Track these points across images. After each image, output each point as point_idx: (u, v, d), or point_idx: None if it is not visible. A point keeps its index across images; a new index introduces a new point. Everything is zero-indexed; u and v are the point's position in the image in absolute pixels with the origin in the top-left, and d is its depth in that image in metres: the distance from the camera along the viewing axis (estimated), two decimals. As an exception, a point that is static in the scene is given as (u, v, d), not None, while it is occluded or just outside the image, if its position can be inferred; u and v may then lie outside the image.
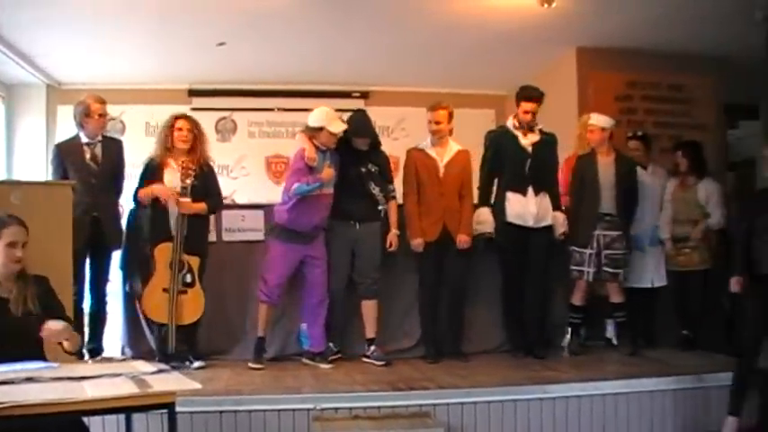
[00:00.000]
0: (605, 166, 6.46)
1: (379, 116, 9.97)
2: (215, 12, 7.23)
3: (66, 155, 6.10)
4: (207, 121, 6.20)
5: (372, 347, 6.09)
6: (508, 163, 6.32)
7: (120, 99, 9.38)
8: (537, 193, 6.28)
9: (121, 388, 3.17)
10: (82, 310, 6.12)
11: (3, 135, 9.55)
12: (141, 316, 6.00)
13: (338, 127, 5.91)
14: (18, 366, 3.46)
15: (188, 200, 5.76)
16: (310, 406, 4.80)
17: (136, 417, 3.96)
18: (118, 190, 6.33)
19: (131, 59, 8.73)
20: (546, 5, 6.83)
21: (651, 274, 6.78)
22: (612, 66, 8.41)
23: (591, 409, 5.17)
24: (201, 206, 5.87)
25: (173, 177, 5.84)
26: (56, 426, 3.21)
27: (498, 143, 6.39)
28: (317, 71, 9.40)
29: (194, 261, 5.83)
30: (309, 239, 5.96)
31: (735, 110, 9.13)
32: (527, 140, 6.32)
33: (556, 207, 6.37)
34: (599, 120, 6.53)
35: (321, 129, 5.91)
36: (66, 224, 5.55)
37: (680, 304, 6.83)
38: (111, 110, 9.46)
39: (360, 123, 6.18)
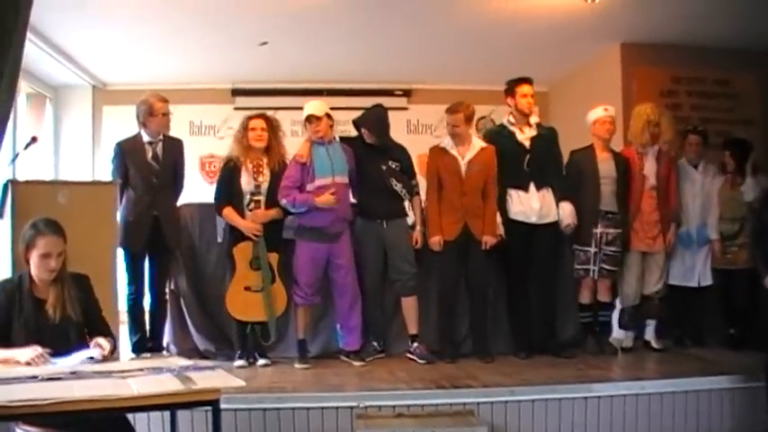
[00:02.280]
0: (604, 162, 6.37)
1: (421, 114, 10.04)
2: (257, 11, 7.26)
3: (127, 153, 6.13)
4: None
5: (415, 344, 6.06)
6: (507, 160, 6.20)
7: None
8: (539, 188, 6.19)
9: (166, 385, 3.19)
10: (142, 308, 6.22)
11: (50, 135, 9.66)
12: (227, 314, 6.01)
13: (307, 109, 5.91)
14: (62, 360, 3.51)
15: (261, 203, 5.80)
16: (354, 404, 4.79)
17: (180, 413, 4.00)
18: (178, 190, 6.37)
19: (175, 60, 8.82)
20: (589, 1, 6.77)
21: (698, 272, 6.71)
22: (657, 61, 8.31)
23: (636, 408, 5.11)
24: (275, 213, 5.90)
25: (249, 179, 5.87)
26: (101, 422, 3.25)
27: (496, 141, 6.29)
28: (359, 69, 9.42)
29: (273, 257, 5.89)
30: (334, 237, 5.91)
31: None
32: (524, 136, 6.24)
33: (563, 198, 6.25)
34: (612, 111, 6.44)
35: (309, 117, 5.92)
36: (110, 223, 5.62)
37: (726, 303, 6.74)
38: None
39: (367, 116, 6.18)
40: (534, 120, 6.37)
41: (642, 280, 6.50)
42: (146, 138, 6.15)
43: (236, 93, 10.06)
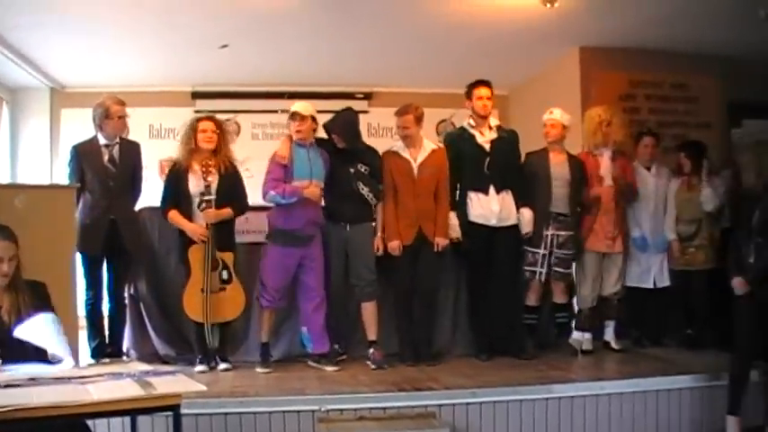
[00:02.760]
0: (558, 165, 6.42)
1: (382, 117, 10.03)
2: (217, 13, 7.23)
3: (83, 156, 6.08)
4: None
5: (371, 350, 6.02)
6: (467, 163, 6.24)
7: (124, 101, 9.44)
8: (499, 191, 6.21)
9: (126, 390, 3.17)
10: (101, 312, 6.16)
11: (7, 139, 9.54)
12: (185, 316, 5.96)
13: (294, 106, 5.94)
14: (20, 368, 3.47)
15: (212, 202, 5.76)
16: (315, 407, 4.79)
17: (141, 419, 3.97)
18: (136, 194, 6.33)
19: (134, 62, 8.74)
20: (548, 5, 6.81)
21: (654, 274, 6.79)
22: (615, 65, 8.39)
23: (596, 409, 5.17)
24: (227, 212, 5.88)
25: (198, 181, 5.82)
26: (61, 428, 3.21)
27: (456, 144, 6.32)
28: (320, 72, 9.40)
29: (228, 257, 5.88)
30: (307, 241, 5.90)
31: (738, 108, 9.10)
32: (484, 138, 6.26)
33: (523, 204, 6.28)
34: (563, 116, 6.46)
35: (294, 114, 5.94)
36: (68, 228, 5.56)
37: (685, 303, 6.83)
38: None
39: (337, 120, 6.16)
40: (494, 122, 6.40)
41: (599, 281, 6.55)
42: (102, 141, 6.10)
43: (197, 95, 9.98)
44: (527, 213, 6.25)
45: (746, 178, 5.38)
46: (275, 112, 9.92)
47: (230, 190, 5.91)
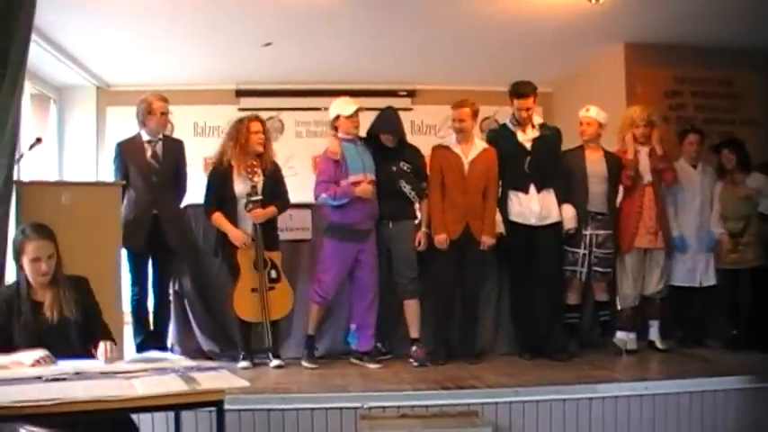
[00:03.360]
0: (594, 163, 6.35)
1: (425, 114, 10.04)
2: (261, 12, 7.27)
3: (127, 153, 6.15)
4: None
5: (414, 348, 6.01)
6: (508, 161, 6.19)
7: (169, 100, 9.48)
8: (539, 190, 6.15)
9: (171, 385, 3.19)
10: (146, 308, 6.22)
11: (54, 136, 9.68)
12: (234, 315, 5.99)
13: (350, 109, 5.93)
14: (66, 362, 3.51)
15: (259, 203, 5.78)
16: (358, 405, 4.79)
17: (184, 414, 4.00)
18: (180, 190, 6.37)
19: (179, 60, 8.83)
20: (593, 1, 6.76)
21: (700, 273, 6.70)
22: (661, 61, 8.30)
23: (640, 409, 5.10)
24: (272, 210, 5.89)
25: (243, 182, 5.84)
26: (105, 422, 3.25)
27: (497, 141, 6.28)
28: (363, 70, 9.42)
29: (276, 256, 5.92)
30: (364, 236, 5.93)
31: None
32: (526, 137, 6.19)
33: (564, 201, 6.20)
34: (599, 114, 6.39)
35: (338, 117, 5.95)
36: (114, 225, 5.62)
37: (731, 303, 6.73)
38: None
39: (384, 119, 6.16)
40: (537, 120, 6.32)
41: (641, 280, 6.49)
42: (145, 137, 6.16)
43: (241, 93, 10.07)
44: (569, 210, 6.19)
45: None
46: (318, 109, 9.94)
47: (273, 188, 5.93)
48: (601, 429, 5.04)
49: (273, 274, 5.86)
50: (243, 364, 5.83)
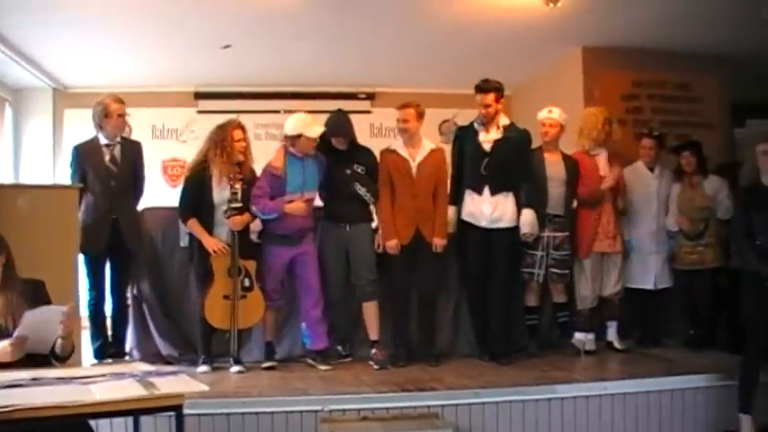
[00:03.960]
0: (553, 165, 6.37)
1: (385, 117, 10.02)
2: (220, 14, 7.23)
3: (84, 157, 6.08)
4: (213, 124, 6.20)
5: (373, 350, 6.02)
6: (468, 160, 6.18)
7: (126, 102, 9.33)
8: (494, 193, 6.10)
9: (129, 390, 3.17)
10: (103, 313, 6.17)
11: (10, 139, 9.55)
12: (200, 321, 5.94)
13: (316, 131, 5.85)
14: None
15: (238, 212, 5.73)
16: (318, 407, 4.79)
17: (143, 419, 3.96)
18: (138, 193, 6.32)
19: (137, 62, 8.75)
20: (551, 5, 6.80)
21: (655, 275, 6.76)
22: (619, 65, 8.38)
23: (599, 409, 5.17)
24: (248, 218, 5.86)
25: (224, 189, 5.79)
26: (63, 428, 3.21)
27: (461, 140, 6.28)
28: (323, 73, 9.40)
29: (251, 265, 5.86)
30: (298, 241, 5.93)
31: (742, 108, 9.10)
32: (487, 138, 6.15)
33: (527, 205, 6.14)
34: (561, 115, 6.42)
35: (299, 136, 5.87)
36: (71, 228, 5.56)
37: (689, 303, 6.80)
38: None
39: (333, 123, 6.14)
40: (504, 122, 6.24)
41: (599, 282, 6.54)
42: (103, 140, 6.10)
43: (199, 96, 9.98)
44: (529, 215, 6.13)
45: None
46: (278, 112, 9.94)
47: (249, 194, 5.88)
48: (560, 430, 5.09)
49: (247, 282, 5.81)
50: (202, 368, 5.79)
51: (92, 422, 3.58)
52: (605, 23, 7.57)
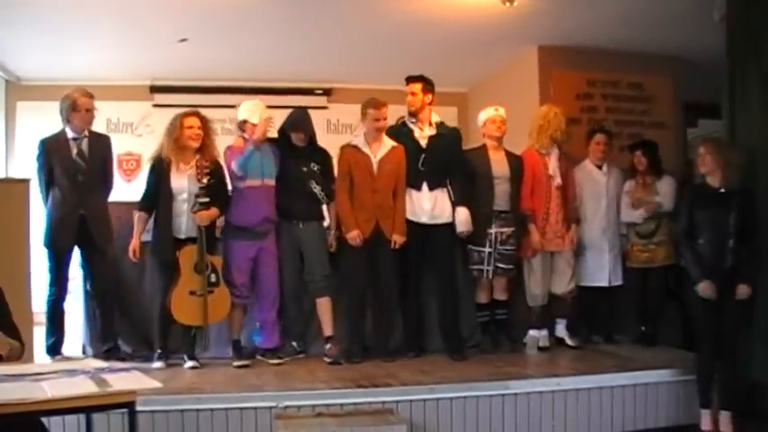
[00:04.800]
0: (498, 162, 6.42)
1: (341, 113, 10.05)
2: (176, 8, 7.18)
3: (51, 151, 5.95)
4: (169, 118, 6.14)
5: (328, 345, 6.04)
6: (405, 158, 6.21)
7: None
8: (432, 188, 6.18)
9: (81, 387, 3.15)
10: (62, 310, 6.08)
11: (-40, 131, 9.40)
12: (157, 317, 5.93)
13: (256, 117, 5.91)
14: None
15: (204, 206, 5.72)
16: (273, 404, 4.80)
17: (96, 416, 3.93)
18: (107, 188, 6.22)
19: (92, 55, 8.64)
20: (508, 4, 6.84)
21: (608, 272, 6.83)
22: (573, 64, 8.47)
23: (552, 405, 5.22)
24: (215, 212, 5.84)
25: (180, 180, 5.79)
26: (14, 426, 3.17)
27: (396, 138, 6.27)
28: (279, 68, 9.39)
29: (217, 260, 5.85)
30: (261, 236, 5.94)
31: (695, 108, 9.24)
32: (422, 134, 6.23)
33: (459, 203, 6.22)
34: (503, 112, 6.48)
35: (245, 122, 5.95)
36: (21, 222, 5.50)
37: (641, 301, 6.89)
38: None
39: (296, 118, 6.17)
40: (435, 119, 6.32)
41: (548, 278, 6.60)
42: (70, 134, 5.98)
43: (155, 89, 9.91)
44: (463, 213, 6.18)
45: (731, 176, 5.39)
46: (234, 107, 9.84)
47: (215, 189, 5.86)
48: (514, 425, 5.14)
49: (213, 277, 5.79)
50: (157, 364, 5.77)
51: (44, 420, 3.55)
52: (561, 23, 7.65)
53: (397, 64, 9.05)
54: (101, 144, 6.17)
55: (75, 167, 5.94)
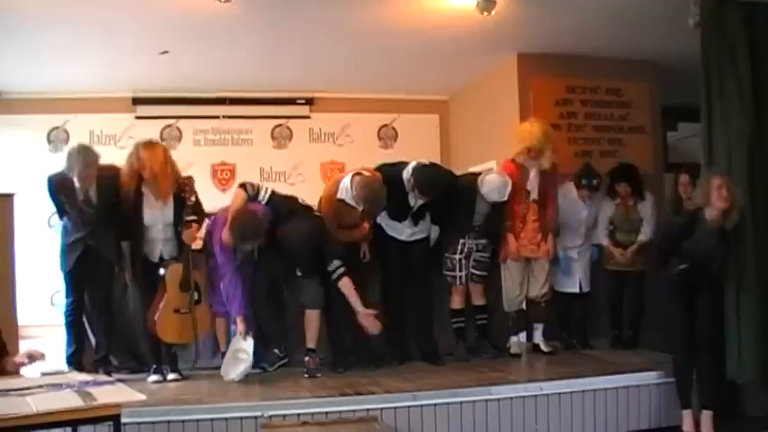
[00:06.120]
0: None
1: (324, 122, 10.07)
2: (158, 20, 7.18)
3: (59, 190, 5.84)
4: (152, 130, 6.12)
5: (307, 358, 5.95)
6: (393, 203, 6.16)
7: (64, 108, 9.28)
8: (416, 224, 6.30)
9: (66, 401, 3.18)
10: (81, 321, 6.03)
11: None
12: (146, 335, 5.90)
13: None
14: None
15: (192, 224, 5.74)
16: (258, 413, 4.82)
17: (82, 429, 3.96)
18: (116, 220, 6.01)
19: (75, 68, 8.61)
20: (485, 13, 6.87)
21: (579, 279, 6.89)
22: (552, 71, 8.51)
23: (535, 410, 5.27)
24: (198, 230, 5.86)
25: (153, 211, 5.77)
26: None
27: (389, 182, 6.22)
28: (261, 78, 9.39)
29: (200, 277, 5.85)
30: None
31: (673, 112, 9.32)
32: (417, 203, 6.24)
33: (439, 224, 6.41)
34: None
35: None
36: (4, 237, 5.50)
37: (619, 305, 6.97)
38: (55, 119, 9.36)
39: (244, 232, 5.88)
40: None
41: (526, 284, 6.65)
42: (77, 183, 5.83)
43: (137, 101, 9.86)
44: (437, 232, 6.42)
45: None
46: (217, 117, 9.94)
47: (195, 206, 5.86)
48: (497, 430, 5.17)
49: (196, 295, 5.81)
50: (154, 377, 5.78)
51: (29, 433, 3.59)
52: (539, 31, 7.70)
53: (379, 73, 9.16)
54: (110, 183, 5.93)
55: (82, 211, 5.83)
